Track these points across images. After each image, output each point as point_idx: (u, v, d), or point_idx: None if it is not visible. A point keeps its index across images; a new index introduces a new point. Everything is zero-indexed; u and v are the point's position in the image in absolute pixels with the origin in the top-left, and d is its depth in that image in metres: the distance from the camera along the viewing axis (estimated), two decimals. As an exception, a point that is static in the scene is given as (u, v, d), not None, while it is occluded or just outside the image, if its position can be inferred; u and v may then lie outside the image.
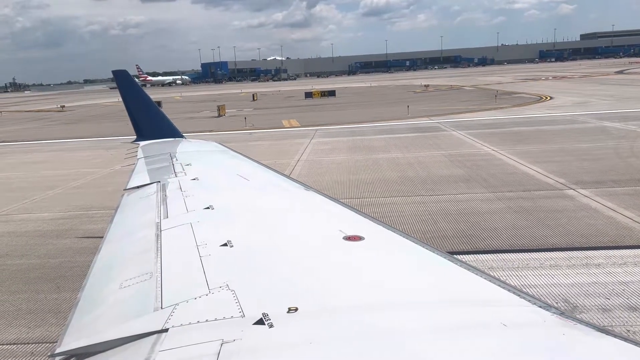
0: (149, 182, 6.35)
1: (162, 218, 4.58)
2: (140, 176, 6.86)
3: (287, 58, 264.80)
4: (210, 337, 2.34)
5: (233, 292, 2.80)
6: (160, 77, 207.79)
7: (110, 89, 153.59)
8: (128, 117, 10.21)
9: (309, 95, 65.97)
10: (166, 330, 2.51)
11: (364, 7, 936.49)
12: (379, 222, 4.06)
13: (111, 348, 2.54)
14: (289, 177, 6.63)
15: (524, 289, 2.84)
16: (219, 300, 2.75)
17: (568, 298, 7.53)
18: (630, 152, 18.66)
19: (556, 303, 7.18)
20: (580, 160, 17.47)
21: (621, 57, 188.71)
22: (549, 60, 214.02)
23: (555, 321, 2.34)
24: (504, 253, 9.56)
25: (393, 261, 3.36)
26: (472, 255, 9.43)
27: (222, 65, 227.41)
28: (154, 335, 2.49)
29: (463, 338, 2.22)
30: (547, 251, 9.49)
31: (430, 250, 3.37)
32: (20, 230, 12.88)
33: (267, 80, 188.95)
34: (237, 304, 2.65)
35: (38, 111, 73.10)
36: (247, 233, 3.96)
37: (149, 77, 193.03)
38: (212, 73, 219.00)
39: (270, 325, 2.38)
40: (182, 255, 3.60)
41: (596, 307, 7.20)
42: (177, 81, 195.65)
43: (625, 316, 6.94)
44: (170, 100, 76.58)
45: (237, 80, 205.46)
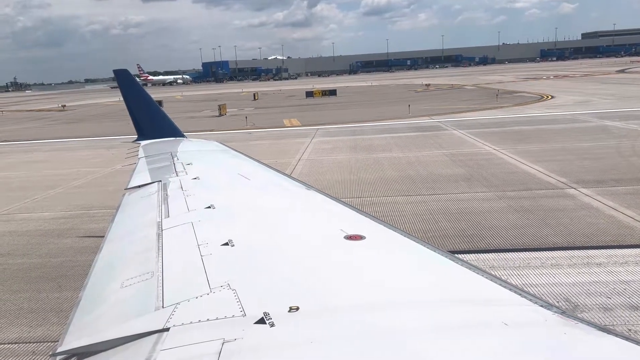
0: (150, 181, 6.35)
1: (163, 217, 4.58)
2: (141, 175, 6.86)
3: (288, 57, 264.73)
4: (211, 336, 2.34)
5: (234, 291, 2.80)
6: (161, 77, 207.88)
7: (112, 88, 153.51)
8: (129, 116, 10.23)
9: (309, 94, 65.92)
10: (167, 329, 2.51)
11: (364, 7, 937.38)
12: (380, 221, 4.06)
13: (112, 347, 2.54)
14: (290, 176, 6.63)
15: (525, 288, 2.84)
16: (220, 299, 2.75)
17: (569, 297, 7.53)
18: (631, 151, 18.64)
19: (557, 302, 7.18)
20: (581, 160, 17.45)
21: (622, 56, 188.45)
22: (550, 59, 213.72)
23: (556, 320, 2.34)
24: (505, 252, 9.55)
25: (394, 260, 3.36)
26: (473, 254, 9.42)
27: (223, 64, 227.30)
28: (155, 335, 2.49)
29: (464, 337, 2.22)
30: (548, 250, 9.48)
31: (431, 249, 3.37)
32: (21, 230, 12.89)
33: (268, 80, 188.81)
34: (238, 303, 2.65)
35: (39, 110, 73.15)
36: (248, 232, 3.96)
37: (150, 77, 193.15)
38: (213, 72, 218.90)
39: (272, 325, 2.38)
40: (183, 254, 3.60)
41: (597, 307, 7.20)
42: (178, 80, 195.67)
43: (627, 315, 6.93)
44: (171, 100, 76.60)
45: (238, 80, 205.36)
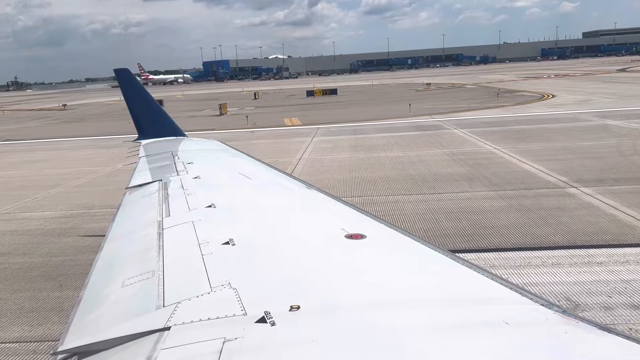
0: (150, 180, 6.36)
1: (164, 216, 4.58)
2: (142, 175, 6.87)
3: (289, 56, 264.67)
4: (212, 335, 2.35)
5: (235, 290, 2.80)
6: (161, 76, 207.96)
7: (112, 87, 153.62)
8: (130, 115, 10.24)
9: (310, 93, 65.89)
10: (168, 328, 2.52)
11: (365, 5, 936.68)
12: (381, 220, 4.06)
13: (113, 346, 2.55)
14: (290, 175, 6.64)
15: (526, 287, 2.84)
16: (220, 298, 2.75)
17: (570, 296, 7.53)
18: (632, 150, 18.63)
19: (558, 301, 7.18)
20: (582, 159, 17.44)
21: (623, 55, 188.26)
22: (551, 58, 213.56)
23: (557, 319, 2.34)
24: (505, 251, 9.55)
25: (395, 259, 3.36)
26: (473, 253, 9.42)
27: (224, 63, 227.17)
28: (156, 334, 2.50)
29: (465, 336, 2.22)
30: (549, 249, 9.48)
31: (432, 248, 3.37)
32: (22, 229, 12.90)
33: (269, 79, 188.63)
34: (239, 302, 2.65)
35: (40, 110, 73.17)
36: (249, 231, 3.96)
37: (151, 76, 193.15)
38: (213, 71, 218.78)
39: (272, 324, 2.38)
40: (184, 253, 3.60)
41: (598, 306, 7.20)
42: (179, 80, 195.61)
43: (627, 314, 6.93)
44: (172, 99, 76.60)
45: (239, 79, 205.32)
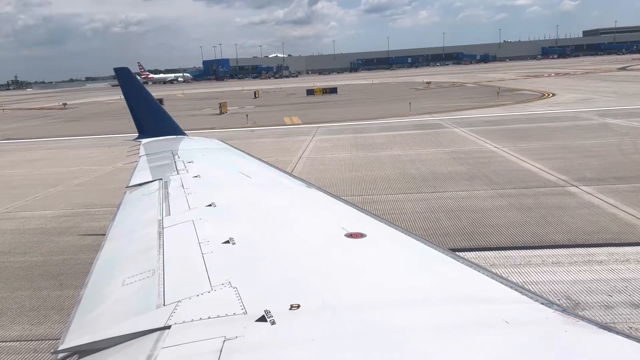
0: (151, 179, 6.36)
1: (164, 215, 4.58)
2: (142, 174, 6.87)
3: (289, 55, 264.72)
4: (213, 334, 2.35)
5: (235, 289, 2.81)
6: (162, 75, 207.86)
7: (112, 86, 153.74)
8: (130, 114, 10.24)
9: (310, 92, 65.89)
10: (168, 327, 2.52)
11: (365, 4, 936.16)
12: (381, 219, 4.06)
13: (114, 345, 2.55)
14: (290, 174, 6.64)
15: (526, 286, 2.84)
16: (221, 297, 2.75)
17: (570, 295, 7.53)
18: (633, 148, 18.62)
19: (558, 300, 7.18)
20: (582, 157, 17.43)
21: (624, 54, 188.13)
22: (551, 56, 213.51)
23: (557, 318, 2.34)
24: (506, 250, 9.55)
25: (395, 258, 3.36)
26: (474, 252, 9.42)
27: (224, 62, 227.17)
28: (157, 332, 2.50)
29: (465, 335, 2.22)
30: (549, 248, 9.47)
31: (432, 247, 3.37)
32: (22, 228, 12.90)
33: (269, 78, 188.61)
34: (239, 301, 2.66)
35: (40, 109, 73.18)
36: (249, 230, 3.96)
37: (151, 75, 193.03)
38: (213, 70, 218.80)
39: (273, 323, 2.38)
40: (184, 252, 3.61)
41: (598, 304, 7.20)
42: (179, 78, 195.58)
43: (628, 313, 6.93)
44: (172, 98, 76.60)
45: (239, 78, 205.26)
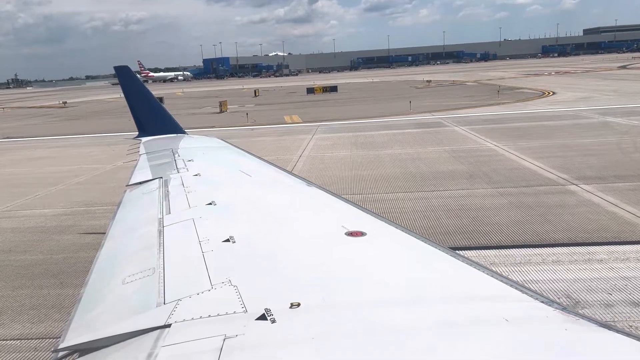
0: (151, 178, 6.36)
1: (164, 214, 4.58)
2: (142, 172, 6.88)
3: (289, 54, 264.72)
4: (213, 332, 2.35)
5: (235, 287, 2.81)
6: (162, 73, 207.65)
7: (112, 85, 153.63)
8: (130, 113, 10.24)
9: (310, 90, 65.89)
10: (169, 325, 2.52)
11: (365, 2, 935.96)
12: (381, 217, 4.06)
13: (114, 343, 2.55)
14: (291, 172, 6.64)
15: (526, 285, 2.84)
16: (221, 295, 2.75)
17: (570, 293, 7.53)
18: (633, 147, 18.61)
19: (558, 298, 7.18)
20: (582, 156, 17.42)
21: (624, 52, 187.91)
22: (551, 55, 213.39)
23: (557, 316, 2.34)
24: (506, 249, 9.55)
25: (395, 257, 3.36)
26: (474, 250, 9.42)
27: (224, 60, 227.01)
28: (157, 331, 2.50)
29: (465, 333, 2.22)
30: (549, 247, 9.48)
31: (432, 245, 3.37)
32: (23, 226, 12.91)
33: (269, 76, 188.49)
34: (240, 299, 2.66)
35: (40, 107, 73.17)
36: (249, 229, 3.96)
37: (151, 73, 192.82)
38: (213, 69, 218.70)
39: (273, 321, 2.39)
40: (184, 251, 3.61)
41: (598, 303, 7.20)
42: (179, 77, 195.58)
43: (628, 311, 6.93)
44: (172, 96, 76.56)
45: (239, 76, 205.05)
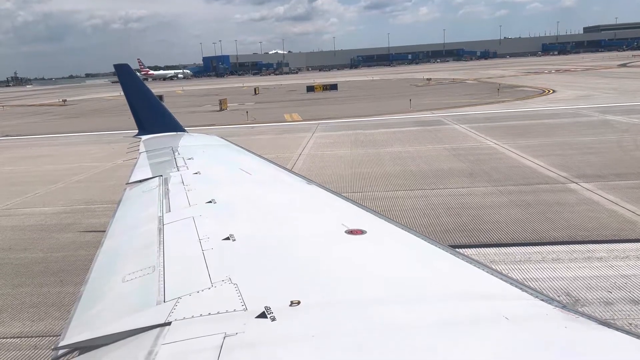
0: (151, 176, 6.37)
1: (164, 212, 4.59)
2: (142, 170, 6.88)
3: (289, 52, 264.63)
4: (213, 330, 2.35)
5: (235, 285, 2.81)
6: (161, 71, 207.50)
7: (112, 83, 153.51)
8: (130, 111, 10.23)
9: (310, 89, 65.79)
10: (169, 323, 2.52)
11: (365, 0, 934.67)
12: (381, 215, 4.06)
13: (114, 341, 2.56)
14: (291, 171, 6.64)
15: (526, 283, 2.84)
16: (221, 293, 2.76)
17: (570, 291, 7.54)
18: (633, 145, 18.60)
19: (558, 296, 7.19)
20: (582, 154, 17.42)
21: (624, 50, 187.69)
22: (551, 53, 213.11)
23: (557, 314, 2.35)
24: (505, 247, 9.55)
25: (395, 255, 3.36)
26: (474, 248, 9.42)
27: (224, 59, 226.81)
28: (157, 329, 2.50)
29: (465, 331, 2.23)
30: (549, 245, 9.48)
31: (432, 243, 3.37)
32: (22, 225, 12.91)
33: (269, 74, 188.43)
34: (240, 297, 2.66)
35: (40, 105, 73.11)
36: (249, 227, 3.96)
37: (151, 71, 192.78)
38: (213, 67, 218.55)
39: (273, 319, 2.39)
40: (184, 249, 3.61)
41: (598, 301, 7.21)
42: (179, 75, 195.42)
43: (627, 309, 6.94)
44: (172, 94, 76.52)
45: (239, 74, 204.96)
